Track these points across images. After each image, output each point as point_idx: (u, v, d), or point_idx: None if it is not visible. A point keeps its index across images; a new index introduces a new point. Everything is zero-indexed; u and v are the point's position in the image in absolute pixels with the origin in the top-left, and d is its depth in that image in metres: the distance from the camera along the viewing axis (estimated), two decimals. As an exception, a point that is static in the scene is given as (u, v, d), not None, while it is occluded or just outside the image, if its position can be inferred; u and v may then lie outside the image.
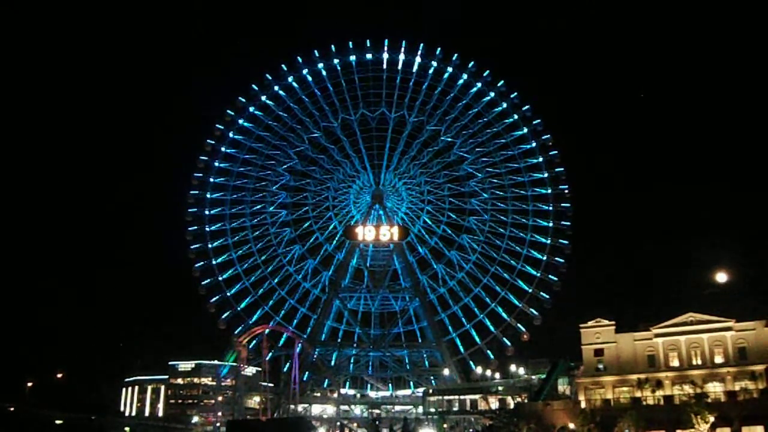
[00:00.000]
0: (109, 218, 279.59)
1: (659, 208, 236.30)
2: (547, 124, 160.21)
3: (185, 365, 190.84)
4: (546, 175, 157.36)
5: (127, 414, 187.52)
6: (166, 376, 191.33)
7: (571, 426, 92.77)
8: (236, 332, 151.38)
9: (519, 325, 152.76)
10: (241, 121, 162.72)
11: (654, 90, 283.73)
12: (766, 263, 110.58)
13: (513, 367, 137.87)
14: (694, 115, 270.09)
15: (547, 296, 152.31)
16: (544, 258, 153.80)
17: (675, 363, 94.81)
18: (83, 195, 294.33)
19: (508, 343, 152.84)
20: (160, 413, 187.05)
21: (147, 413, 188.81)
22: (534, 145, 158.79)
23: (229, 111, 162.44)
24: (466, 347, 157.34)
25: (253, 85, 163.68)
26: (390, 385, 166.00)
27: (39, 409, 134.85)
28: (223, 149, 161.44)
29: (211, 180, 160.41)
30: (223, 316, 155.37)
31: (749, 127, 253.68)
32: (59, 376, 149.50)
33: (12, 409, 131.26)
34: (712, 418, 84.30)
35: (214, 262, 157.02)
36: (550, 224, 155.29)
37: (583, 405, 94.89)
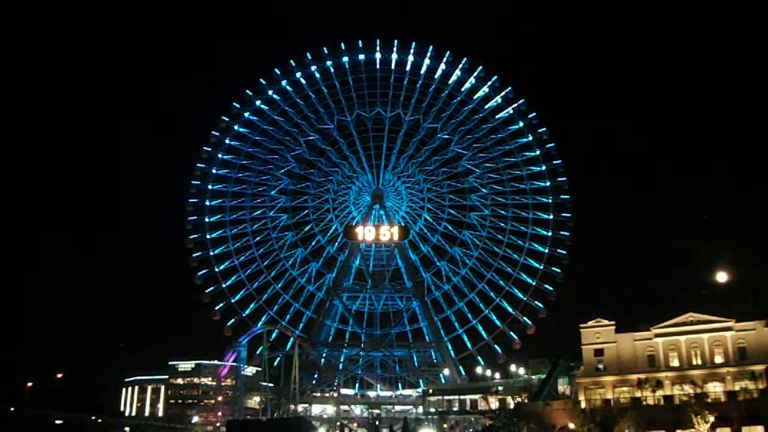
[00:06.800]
0: (109, 219, 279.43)
1: (659, 207, 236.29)
2: (544, 119, 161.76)
3: (185, 365, 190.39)
4: (544, 168, 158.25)
5: (127, 414, 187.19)
6: (166, 376, 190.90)
7: (571, 426, 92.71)
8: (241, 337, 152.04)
9: (525, 318, 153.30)
10: (236, 127, 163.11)
11: (653, 87, 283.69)
12: (766, 263, 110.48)
13: (513, 367, 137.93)
14: (695, 113, 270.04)
15: (551, 288, 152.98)
16: (546, 251, 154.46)
17: (675, 363, 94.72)
18: (84, 196, 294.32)
19: (515, 337, 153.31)
20: (160, 413, 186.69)
21: (147, 413, 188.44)
22: (530, 138, 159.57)
23: (224, 117, 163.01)
24: (473, 343, 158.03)
25: (248, 90, 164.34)
26: (399, 384, 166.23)
27: (39, 409, 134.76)
28: (220, 155, 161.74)
29: (210, 187, 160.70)
30: (229, 323, 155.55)
31: (749, 127, 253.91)
32: (59, 376, 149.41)
33: (12, 409, 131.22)
34: (712, 418, 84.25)
35: (216, 270, 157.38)
36: (551, 217, 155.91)
37: (583, 405, 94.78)
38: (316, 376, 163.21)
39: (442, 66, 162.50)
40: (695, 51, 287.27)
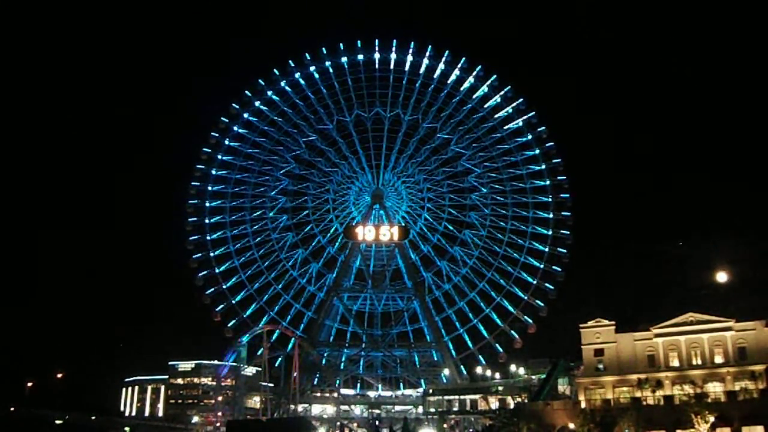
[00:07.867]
0: (109, 218, 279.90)
1: (660, 207, 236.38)
2: (543, 118, 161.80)
3: (185, 365, 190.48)
4: (543, 167, 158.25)
5: (127, 414, 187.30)
6: (166, 376, 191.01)
7: (571, 426, 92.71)
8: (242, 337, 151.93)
9: (525, 317, 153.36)
10: (236, 128, 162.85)
11: (654, 86, 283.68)
12: (766, 263, 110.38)
13: (513, 367, 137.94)
14: (695, 113, 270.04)
15: (551, 287, 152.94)
16: (546, 249, 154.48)
17: (675, 363, 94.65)
18: (84, 196, 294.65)
19: (516, 336, 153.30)
20: (160, 413, 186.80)
21: (147, 413, 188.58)
22: (530, 137, 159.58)
23: (223, 118, 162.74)
24: (474, 343, 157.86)
25: (247, 91, 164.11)
26: (400, 384, 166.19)
27: (39, 409, 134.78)
28: (219, 157, 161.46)
29: (210, 188, 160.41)
30: (230, 324, 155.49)
31: (749, 127, 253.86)
32: (59, 376, 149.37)
33: (12, 409, 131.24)
34: (712, 418, 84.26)
35: (217, 270, 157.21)
36: (551, 215, 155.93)
37: (583, 405, 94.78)
38: (316, 376, 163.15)
39: (441, 65, 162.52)
40: (696, 49, 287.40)
